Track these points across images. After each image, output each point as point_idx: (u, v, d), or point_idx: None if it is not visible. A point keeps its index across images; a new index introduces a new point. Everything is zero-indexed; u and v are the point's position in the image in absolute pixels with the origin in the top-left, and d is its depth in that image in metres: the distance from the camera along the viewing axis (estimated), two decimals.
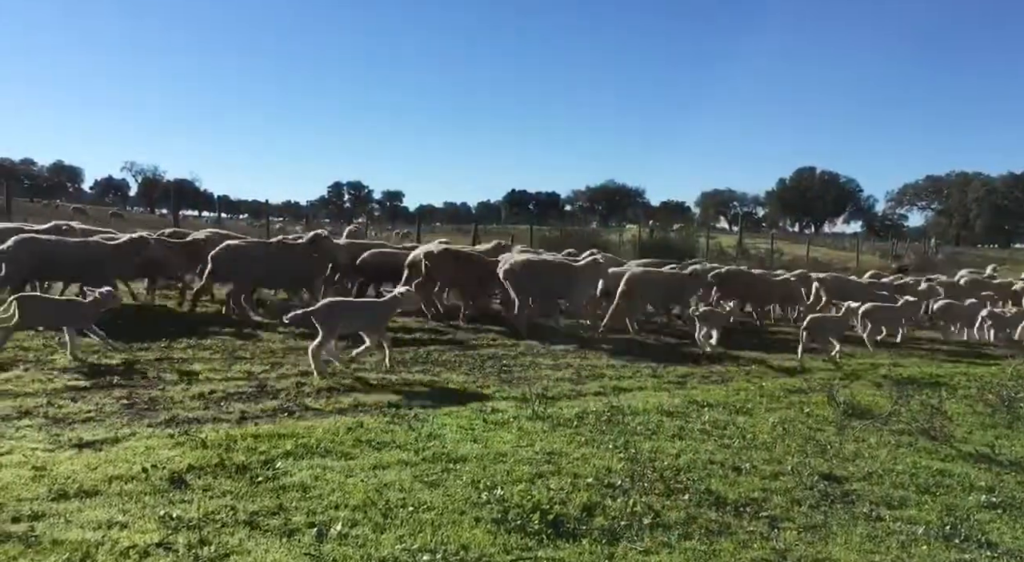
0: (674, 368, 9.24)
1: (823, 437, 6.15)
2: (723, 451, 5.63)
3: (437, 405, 6.63)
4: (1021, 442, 6.19)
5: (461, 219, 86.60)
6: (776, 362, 10.00)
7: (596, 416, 6.44)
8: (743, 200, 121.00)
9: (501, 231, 52.32)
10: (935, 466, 5.41)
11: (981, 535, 4.17)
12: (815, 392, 7.67)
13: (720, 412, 6.92)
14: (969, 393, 7.59)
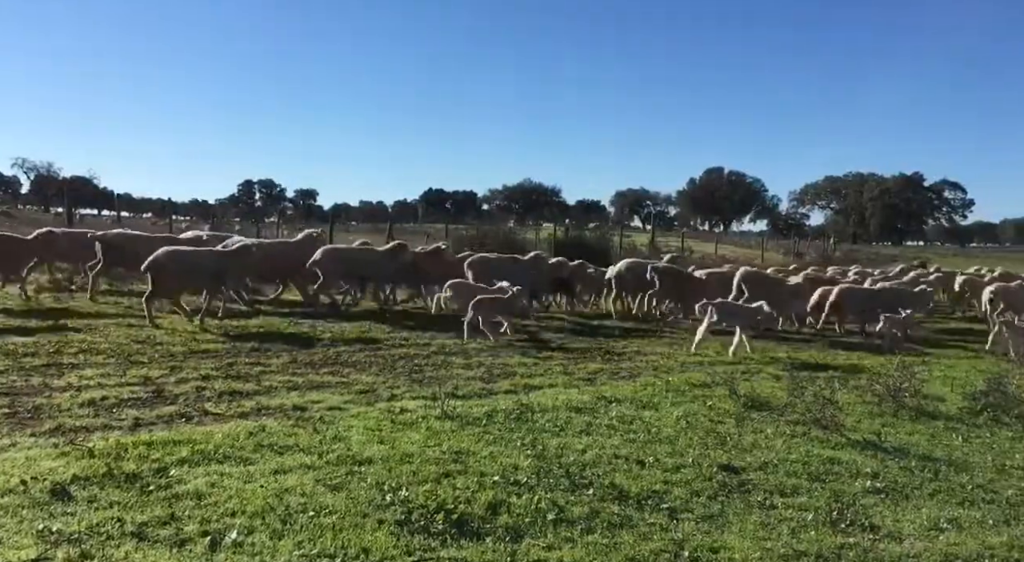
0: (585, 365, 9.37)
1: (724, 429, 6.34)
2: (628, 445, 5.74)
3: (344, 407, 6.52)
4: (905, 430, 6.54)
5: (378, 218, 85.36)
6: (682, 357, 10.28)
7: (505, 414, 6.46)
8: (656, 199, 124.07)
9: (418, 230, 52.02)
10: (826, 454, 5.66)
11: (865, 519, 4.38)
12: (718, 386, 7.89)
13: (627, 407, 7.05)
14: (859, 383, 7.96)
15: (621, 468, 5.16)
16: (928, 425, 6.69)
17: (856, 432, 6.33)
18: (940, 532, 4.23)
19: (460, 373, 8.48)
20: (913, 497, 4.82)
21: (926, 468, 5.40)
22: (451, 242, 25.68)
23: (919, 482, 5.10)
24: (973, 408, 7.11)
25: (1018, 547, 3.99)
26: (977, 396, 7.22)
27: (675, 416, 6.71)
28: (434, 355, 9.54)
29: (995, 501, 4.77)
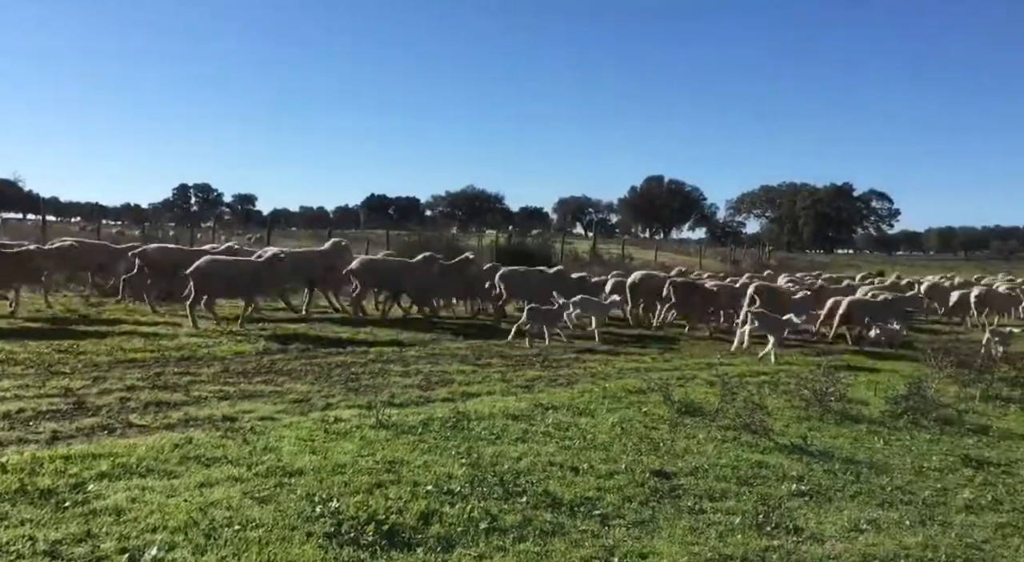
0: (523, 372, 9.39)
1: (657, 435, 6.43)
2: (563, 452, 5.77)
3: (277, 417, 6.39)
4: (830, 433, 6.75)
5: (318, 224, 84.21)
6: (620, 363, 10.40)
7: (441, 422, 6.42)
8: (598, 207, 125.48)
9: (360, 236, 51.45)
10: (755, 458, 5.79)
11: (790, 522, 4.50)
12: (654, 392, 8.01)
13: (564, 414, 7.09)
14: (788, 388, 8.18)
15: (555, 475, 5.18)
16: (852, 428, 6.91)
17: (784, 436, 6.50)
18: (860, 533, 4.36)
19: (398, 381, 8.41)
20: (836, 499, 4.97)
21: (849, 471, 5.57)
22: (393, 248, 25.49)
23: (842, 484, 5.26)
24: (894, 412, 7.37)
25: (932, 547, 4.14)
26: (898, 400, 7.49)
27: (611, 422, 6.78)
28: (372, 363, 9.43)
29: (912, 502, 4.96)
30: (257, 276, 11.85)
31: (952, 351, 8.89)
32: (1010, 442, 6.56)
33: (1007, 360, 8.48)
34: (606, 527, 4.34)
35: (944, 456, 6.04)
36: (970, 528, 4.50)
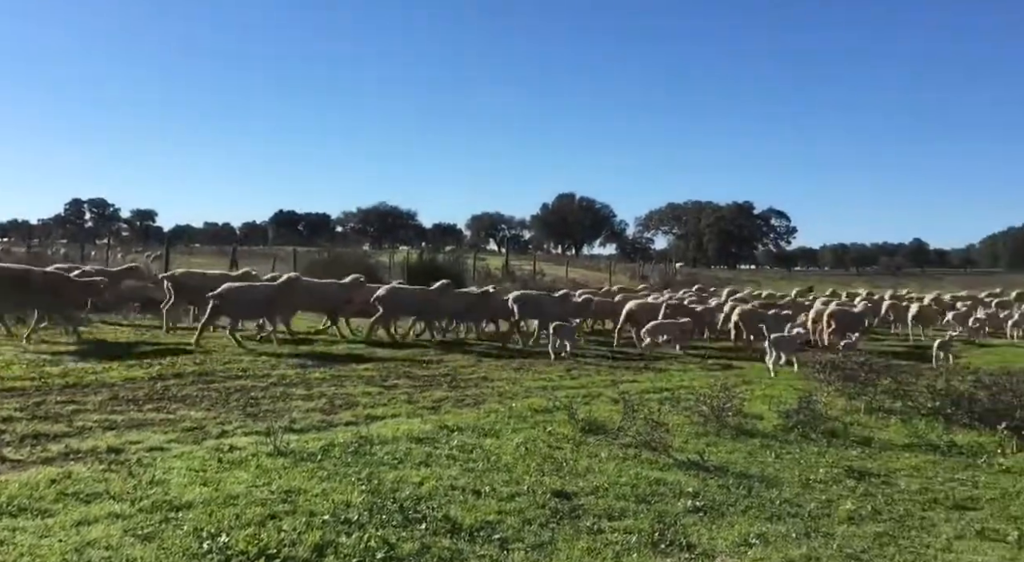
0: (431, 393, 9.32)
1: (561, 454, 6.49)
2: (466, 475, 5.74)
3: (167, 447, 6.11)
4: (726, 448, 6.96)
5: (223, 240, 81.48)
6: (528, 382, 10.46)
7: (343, 448, 6.29)
8: (511, 223, 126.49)
9: (267, 253, 50.07)
10: (654, 476, 5.91)
11: (684, 538, 4.60)
12: (559, 410, 8.09)
13: (469, 436, 7.06)
14: (688, 405, 8.39)
15: (457, 499, 5.14)
16: (747, 443, 7.15)
17: (683, 452, 6.66)
18: (749, 547, 4.51)
19: (299, 405, 8.20)
20: (728, 514, 5.12)
21: (741, 485, 5.76)
22: (302, 265, 24.91)
23: (735, 499, 5.43)
24: (786, 425, 7.67)
25: (815, 558, 4.32)
26: (790, 414, 7.80)
27: (515, 443, 6.79)
28: (273, 386, 9.17)
29: (799, 515, 5.16)
30: (271, 299, 12.85)
31: (839, 365, 9.33)
32: (890, 453, 6.93)
33: (889, 373, 8.96)
34: (505, 551, 4.33)
35: (830, 468, 6.32)
36: (851, 538, 4.71)
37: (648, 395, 9.60)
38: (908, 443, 7.28)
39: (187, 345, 11.83)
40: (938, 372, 8.90)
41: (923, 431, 7.72)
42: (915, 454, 6.89)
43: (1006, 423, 7.46)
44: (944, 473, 6.30)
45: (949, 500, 5.56)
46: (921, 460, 6.70)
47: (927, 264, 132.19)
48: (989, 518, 5.18)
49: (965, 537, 4.80)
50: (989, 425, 7.60)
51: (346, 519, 4.61)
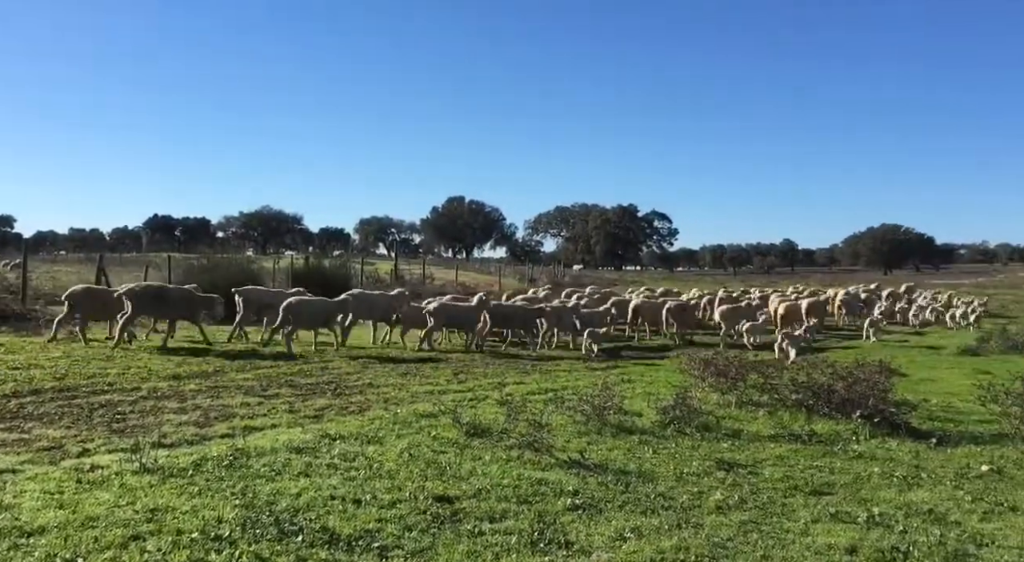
0: (313, 401, 9.10)
1: (445, 459, 6.47)
2: (347, 484, 5.63)
3: (20, 468, 5.70)
4: (606, 446, 7.15)
5: (92, 247, 76.50)
6: (415, 387, 10.39)
7: (216, 462, 6.04)
8: (400, 227, 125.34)
9: (140, 259, 47.39)
10: (536, 476, 5.99)
11: (563, 536, 4.69)
12: (444, 415, 8.07)
13: (351, 443, 6.94)
14: (572, 405, 8.55)
15: (336, 509, 5.04)
16: (626, 440, 7.37)
17: (565, 451, 6.79)
18: (624, 541, 4.65)
19: (171, 418, 7.83)
20: (606, 510, 5.26)
21: (619, 481, 5.93)
22: (179, 273, 23.67)
23: (612, 495, 5.58)
24: (663, 421, 7.95)
25: (684, 549, 4.50)
26: (667, 410, 8.09)
27: (399, 449, 6.73)
28: (143, 400, 8.72)
29: (672, 507, 5.36)
30: (331, 312, 14.51)
31: (712, 362, 9.76)
32: (758, 444, 7.30)
33: (757, 369, 9.46)
34: (384, 560, 4.28)
35: (702, 461, 6.60)
36: (718, 528, 4.94)
37: (534, 396, 9.73)
38: (774, 434, 7.70)
39: (53, 358, 11.05)
40: (800, 367, 9.45)
41: (787, 422, 8.19)
42: (779, 444, 7.30)
43: (860, 412, 8.02)
44: (805, 461, 6.70)
45: (808, 486, 5.92)
46: (785, 449, 7.10)
47: (796, 263, 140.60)
48: (842, 502, 5.56)
49: (821, 520, 5.13)
50: (845, 414, 8.15)
51: (217, 536, 4.43)
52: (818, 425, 8.02)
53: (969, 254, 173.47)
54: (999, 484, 6.07)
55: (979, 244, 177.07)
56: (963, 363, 14.61)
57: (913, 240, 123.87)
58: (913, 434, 7.71)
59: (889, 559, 4.46)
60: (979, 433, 7.83)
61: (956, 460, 6.81)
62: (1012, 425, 7.67)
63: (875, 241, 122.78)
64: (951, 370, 13.56)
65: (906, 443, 7.40)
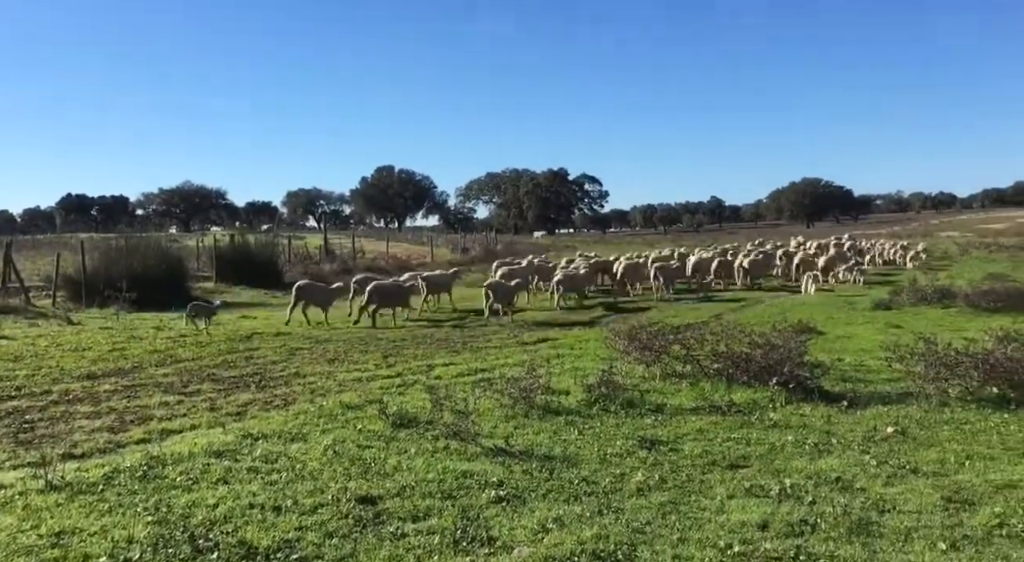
0: (236, 397, 8.89)
1: (371, 454, 6.41)
2: (268, 490, 5.52)
3: None
4: (533, 429, 7.18)
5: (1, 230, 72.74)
6: (342, 375, 10.24)
7: (130, 473, 5.85)
8: (329, 199, 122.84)
9: (55, 241, 45.22)
10: (461, 468, 5.99)
11: (485, 532, 4.71)
12: (371, 405, 7.99)
13: (274, 442, 6.81)
14: (500, 386, 8.54)
15: (255, 519, 4.94)
16: (552, 421, 7.43)
17: (491, 438, 6.81)
18: (546, 533, 4.69)
19: (84, 424, 7.55)
20: (530, 500, 5.30)
21: (544, 468, 5.98)
22: (97, 255, 22.60)
23: (537, 484, 5.62)
24: (589, 399, 8.04)
25: (604, 537, 4.58)
26: (592, 387, 8.19)
27: (323, 446, 6.63)
28: (54, 405, 8.38)
29: (594, 492, 5.44)
30: (406, 293, 17.24)
31: (635, 336, 9.88)
32: (680, 418, 7.47)
33: (678, 340, 9.63)
34: None
35: (625, 440, 6.71)
36: (638, 511, 5.04)
37: (463, 379, 9.73)
38: (695, 406, 7.88)
39: None
40: (719, 336, 9.67)
41: (708, 393, 8.40)
42: (700, 417, 7.48)
43: (776, 379, 8.28)
44: (723, 433, 6.88)
45: (725, 460, 6.10)
46: (705, 422, 7.28)
47: (724, 219, 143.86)
48: (757, 475, 5.74)
49: (736, 496, 5.28)
50: (763, 382, 8.40)
51: (127, 558, 4.30)
52: (737, 394, 8.24)
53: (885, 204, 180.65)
54: (903, 446, 6.36)
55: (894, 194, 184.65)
56: (877, 318, 15.23)
57: (833, 192, 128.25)
58: (826, 398, 8.00)
59: (798, 533, 4.63)
60: (887, 393, 8.19)
61: (865, 422, 7.11)
62: (916, 384, 8.04)
63: (797, 195, 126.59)
64: (866, 325, 14.15)
65: (819, 408, 7.68)
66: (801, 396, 8.02)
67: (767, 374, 8.41)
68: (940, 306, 16.34)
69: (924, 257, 31.74)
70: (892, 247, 34.14)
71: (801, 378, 8.25)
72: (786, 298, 20.39)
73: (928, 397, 7.76)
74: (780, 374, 8.29)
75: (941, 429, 6.81)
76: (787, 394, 8.05)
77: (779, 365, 8.43)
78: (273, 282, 26.13)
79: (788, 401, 7.91)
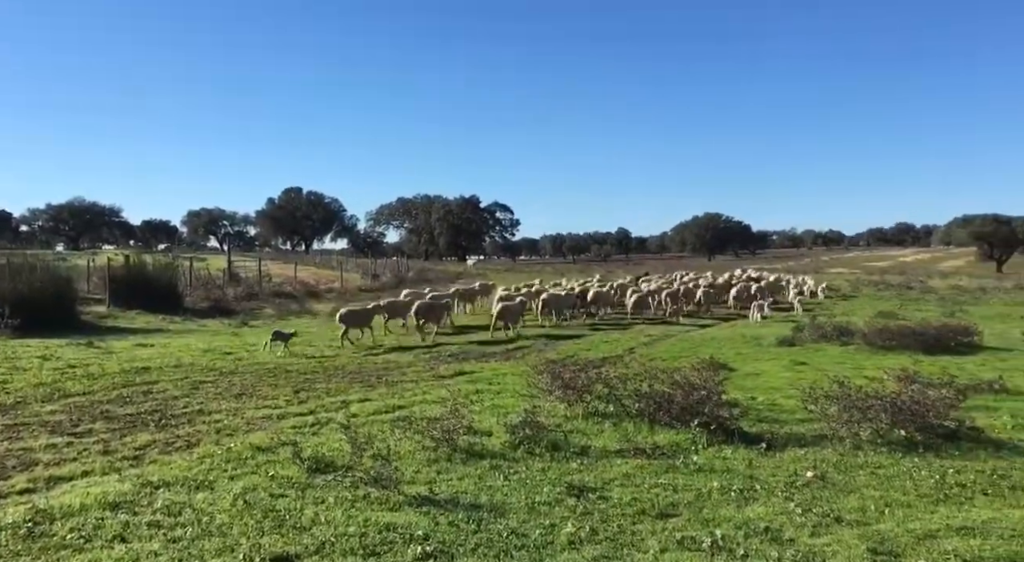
0: (133, 437, 8.25)
1: (285, 504, 6.01)
2: (171, 548, 5.07)
3: None
4: (457, 474, 6.92)
5: None
6: (250, 412, 9.70)
7: (11, 531, 5.26)
8: (233, 219, 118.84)
9: None
10: (384, 519, 5.67)
11: None
12: (284, 447, 7.54)
13: (177, 492, 6.30)
14: (420, 427, 8.23)
15: None
16: (477, 466, 7.18)
17: (414, 484, 6.52)
18: None
19: None
20: (458, 556, 5.04)
21: (471, 518, 5.73)
22: None
23: (464, 537, 5.37)
24: (513, 441, 7.85)
25: None
26: (516, 428, 8.00)
27: (232, 495, 6.18)
28: None
29: (525, 546, 5.23)
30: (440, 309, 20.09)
31: (559, 374, 9.79)
32: (605, 461, 7.37)
33: (601, 379, 9.60)
34: None
35: (552, 486, 6.54)
36: None
37: (380, 417, 9.36)
38: (620, 448, 7.80)
39: None
40: (642, 376, 9.70)
41: (632, 434, 8.36)
42: (626, 460, 7.40)
43: (697, 420, 8.33)
44: (650, 479, 6.81)
45: (655, 509, 6.01)
46: (631, 466, 7.21)
47: (630, 250, 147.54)
48: (687, 525, 5.67)
49: (668, 549, 5.19)
50: (684, 423, 8.43)
51: None
52: (660, 436, 8.24)
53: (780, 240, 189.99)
54: (824, 492, 6.45)
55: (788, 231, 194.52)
56: (782, 354, 15.72)
57: (732, 228, 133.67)
58: (745, 439, 8.09)
59: None
60: (802, 435, 8.35)
61: (785, 467, 7.20)
62: (830, 427, 8.24)
63: (700, 229, 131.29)
64: (773, 362, 14.56)
65: (740, 450, 7.74)
66: (722, 438, 8.08)
67: (688, 415, 8.45)
68: (839, 343, 17.04)
69: (825, 293, 34.34)
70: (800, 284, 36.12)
71: (722, 419, 8.33)
72: (695, 332, 20.87)
73: (842, 440, 7.96)
74: (701, 414, 8.35)
75: (858, 474, 6.96)
76: (709, 436, 8.10)
77: (700, 405, 8.49)
78: (172, 307, 24.89)
79: (710, 443, 7.96)
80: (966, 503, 6.17)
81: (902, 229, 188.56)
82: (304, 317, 25.90)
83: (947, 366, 13.49)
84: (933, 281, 46.86)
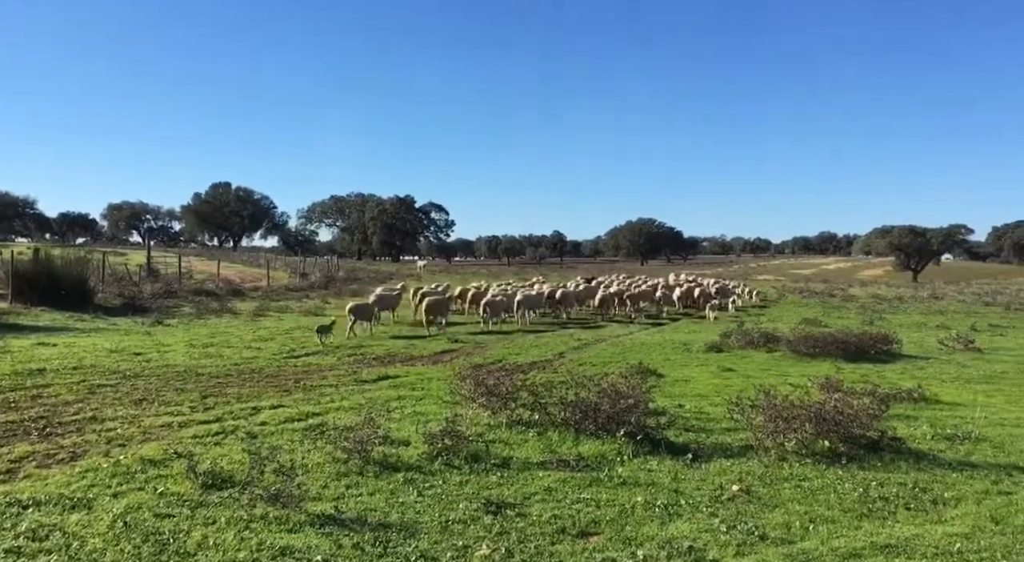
0: (10, 448, 7.51)
1: (171, 526, 5.44)
2: None
3: None
4: (368, 489, 6.44)
5: None
6: (150, 420, 8.98)
7: None
8: (157, 214, 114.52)
9: None
10: (280, 542, 5.17)
11: None
12: (179, 460, 6.92)
13: (48, 512, 5.66)
14: (333, 437, 7.72)
15: None
16: (390, 479, 6.71)
17: (319, 501, 6.03)
18: None
19: None
20: None
21: (378, 540, 5.28)
22: None
23: (369, 560, 4.94)
24: (431, 452, 7.41)
25: None
26: (435, 438, 7.56)
27: (112, 516, 5.58)
28: None
29: None
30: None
31: (482, 382, 9.41)
32: (527, 474, 7.00)
33: (526, 386, 9.26)
34: None
35: (469, 502, 6.14)
36: None
37: (291, 425, 8.78)
38: (543, 460, 7.45)
39: None
40: (569, 383, 9.40)
41: (556, 444, 8.02)
42: (548, 472, 7.05)
43: (624, 430, 8.06)
44: (573, 493, 6.48)
45: (575, 527, 5.67)
46: (554, 479, 6.86)
47: (564, 254, 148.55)
48: (609, 544, 5.35)
49: None
50: (610, 432, 8.15)
51: None
52: (585, 446, 7.93)
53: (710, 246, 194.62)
54: (749, 507, 6.24)
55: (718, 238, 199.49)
56: (710, 361, 15.70)
57: (665, 233, 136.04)
58: (672, 450, 7.85)
59: None
60: (728, 445, 8.17)
61: (710, 480, 6.97)
62: (756, 437, 8.08)
63: (633, 234, 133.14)
64: (701, 368, 14.51)
65: (665, 461, 7.50)
66: (648, 448, 7.82)
67: (615, 424, 8.18)
68: (765, 350, 17.17)
69: (756, 298, 37.09)
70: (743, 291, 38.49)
71: (648, 429, 8.08)
72: (625, 337, 20.80)
73: (767, 450, 7.80)
74: (628, 424, 8.09)
75: (783, 487, 6.78)
76: (635, 446, 7.83)
77: (627, 413, 8.23)
78: (81, 304, 23.49)
79: (636, 454, 7.69)
80: (889, 518, 6.04)
81: (825, 238, 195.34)
82: (225, 316, 24.80)
83: (868, 374, 13.67)
84: (854, 289, 48.43)
